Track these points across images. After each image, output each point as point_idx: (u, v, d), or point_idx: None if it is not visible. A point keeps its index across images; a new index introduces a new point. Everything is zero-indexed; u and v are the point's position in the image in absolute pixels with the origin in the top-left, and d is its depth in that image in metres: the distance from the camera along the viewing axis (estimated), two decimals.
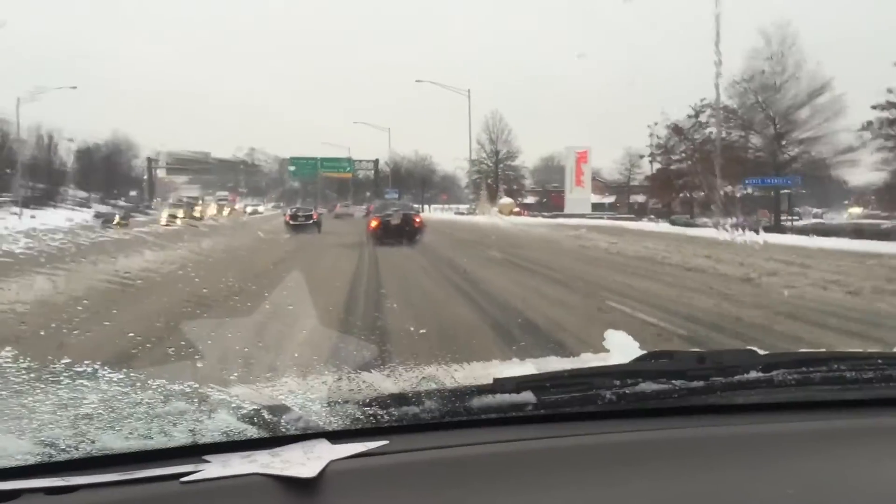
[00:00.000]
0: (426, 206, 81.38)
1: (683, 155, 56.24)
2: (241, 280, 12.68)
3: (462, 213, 72.35)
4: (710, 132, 51.68)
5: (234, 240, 25.68)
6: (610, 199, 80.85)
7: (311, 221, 37.64)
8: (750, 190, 48.43)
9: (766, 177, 46.69)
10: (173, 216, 50.94)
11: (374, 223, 26.00)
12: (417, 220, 26.81)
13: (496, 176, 78.50)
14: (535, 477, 1.30)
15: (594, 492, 1.28)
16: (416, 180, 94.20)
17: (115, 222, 45.77)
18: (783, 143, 45.77)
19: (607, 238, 25.49)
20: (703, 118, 53.47)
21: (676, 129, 56.23)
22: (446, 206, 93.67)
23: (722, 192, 39.44)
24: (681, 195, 58.00)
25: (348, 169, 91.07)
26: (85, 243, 18.61)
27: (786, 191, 48.89)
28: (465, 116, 63.77)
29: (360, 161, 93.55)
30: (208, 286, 11.96)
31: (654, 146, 60.49)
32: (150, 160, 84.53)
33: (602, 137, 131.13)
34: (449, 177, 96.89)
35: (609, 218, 53.88)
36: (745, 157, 47.32)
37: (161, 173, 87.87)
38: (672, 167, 57.93)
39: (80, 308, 9.01)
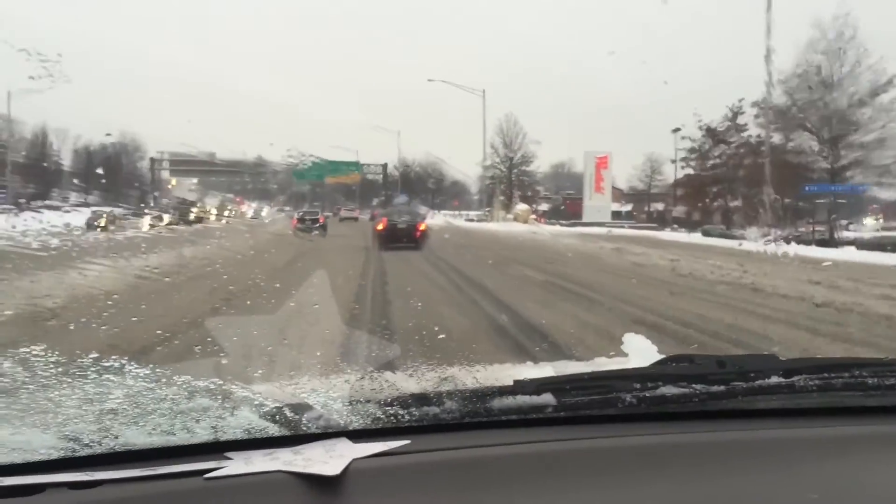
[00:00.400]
0: (435, 212, 75.11)
1: (718, 160, 54.18)
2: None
3: (472, 220, 69.34)
4: (749, 135, 50.06)
5: (213, 250, 20.27)
6: (626, 208, 78.00)
7: (317, 225, 38.11)
8: (788, 199, 43.55)
9: (821, 183, 42.84)
10: (158, 219, 46.39)
11: (379, 227, 26.14)
12: (422, 226, 26.76)
13: (510, 181, 75.82)
14: (554, 479, 1.30)
15: (613, 494, 1.28)
16: (426, 185, 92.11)
17: (100, 225, 41.08)
18: (839, 146, 41.85)
19: (659, 252, 21.66)
20: (741, 119, 51.61)
21: (711, 132, 54.37)
22: (457, 212, 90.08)
23: (767, 200, 36.68)
24: (715, 203, 55.53)
25: (356, 173, 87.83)
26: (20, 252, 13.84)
27: (825, 200, 44.65)
28: (477, 119, 63.39)
29: (369, 165, 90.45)
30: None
31: (686, 150, 58.05)
32: (153, 161, 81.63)
33: (617, 144, 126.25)
34: (460, 182, 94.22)
35: (630, 227, 51.97)
36: (794, 161, 43.76)
37: (165, 174, 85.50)
38: (705, 173, 56.22)
39: None
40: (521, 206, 64.21)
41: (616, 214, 69.25)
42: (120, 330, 7.38)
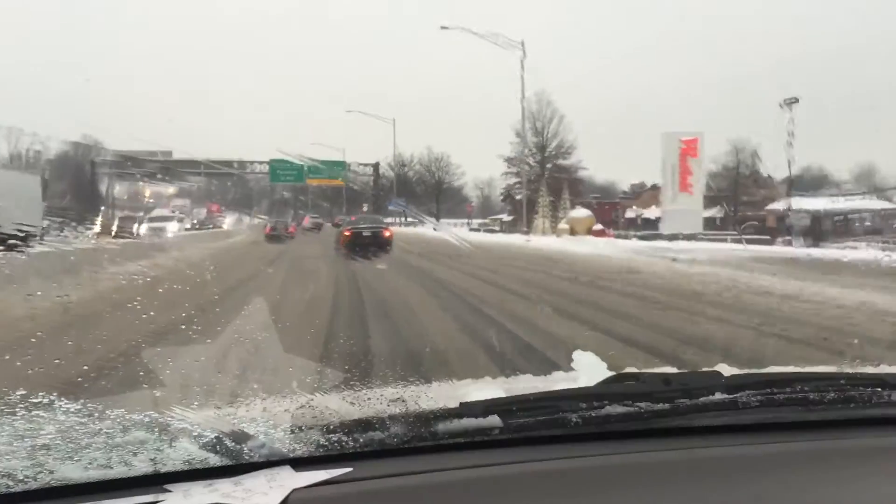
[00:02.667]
0: (430, 221, 61.55)
1: None
2: None
3: (494, 231, 59.09)
4: None
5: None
6: (711, 211, 54.82)
7: (287, 233, 39.90)
8: None
9: None
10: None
11: (345, 234, 25.98)
12: (387, 233, 26.61)
13: (542, 179, 58.72)
14: (501, 502, 1.29)
15: None
16: (429, 187, 78.47)
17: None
18: None
19: None
20: None
21: None
22: (468, 220, 77.96)
23: None
24: None
25: (341, 175, 73.99)
26: None
27: None
28: (496, 103, 52.86)
29: (357, 165, 77.44)
30: None
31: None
32: (94, 163, 69.45)
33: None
34: (478, 182, 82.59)
35: (733, 240, 36.74)
36: None
37: (124, 181, 72.03)
38: None
39: None
40: (580, 213, 46.50)
41: (707, 222, 49.22)
42: None
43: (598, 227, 44.81)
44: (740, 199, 59.10)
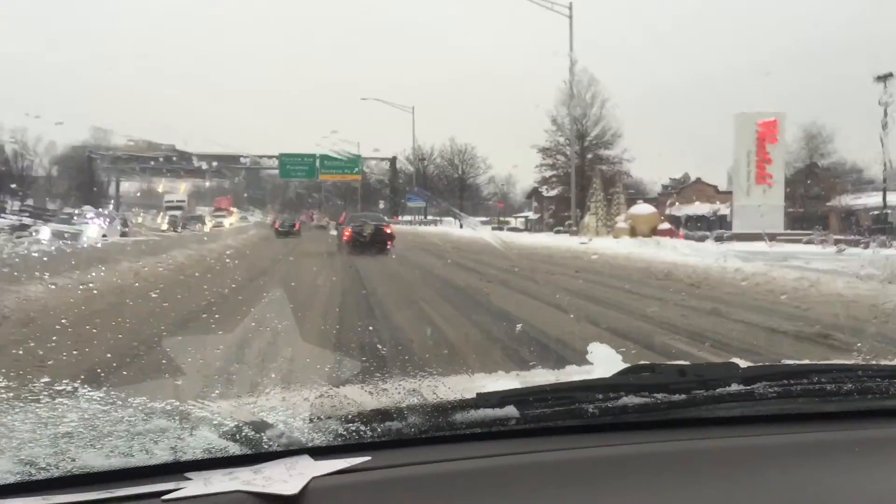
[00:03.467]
0: (461, 218, 54.12)
1: None
2: None
3: (518, 230, 56.21)
4: None
5: None
6: (772, 204, 42.75)
7: (294, 230, 40.64)
8: None
9: None
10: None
11: (346, 233, 25.58)
12: (388, 230, 26.11)
13: (595, 170, 51.00)
14: (517, 491, 1.30)
15: None
16: (452, 182, 73.59)
17: None
18: None
19: None
20: None
21: None
22: (497, 218, 71.47)
23: None
24: None
25: (357, 170, 68.74)
26: None
27: None
28: (526, 91, 45.68)
29: (373, 160, 72.54)
30: None
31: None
32: (91, 157, 65.21)
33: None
34: (498, 179, 76.46)
35: (821, 241, 30.42)
36: None
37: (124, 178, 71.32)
38: None
39: None
40: (643, 209, 38.68)
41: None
42: None
43: (665, 225, 37.34)
44: (811, 193, 49.55)
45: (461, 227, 37.72)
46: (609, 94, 55.58)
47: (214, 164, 69.47)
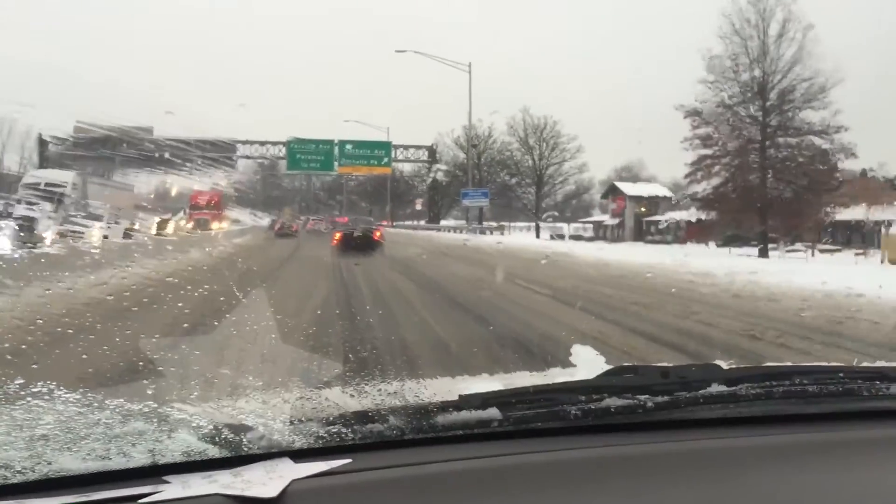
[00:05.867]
0: (557, 226, 45.59)
1: None
2: None
3: (580, 237, 44.48)
4: None
5: None
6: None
7: (293, 231, 40.70)
8: None
9: None
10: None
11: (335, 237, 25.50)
12: (377, 233, 25.88)
13: (762, 149, 32.19)
14: (500, 493, 1.29)
15: None
16: (524, 172, 53.79)
17: None
18: None
19: None
20: None
21: None
22: (577, 222, 56.47)
23: None
24: None
25: (385, 161, 52.99)
26: None
27: None
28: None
29: (407, 147, 56.09)
30: None
31: None
32: (42, 141, 54.02)
33: None
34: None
35: None
36: None
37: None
38: None
39: None
40: None
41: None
42: None
43: None
44: None
45: (553, 236, 27.92)
46: (809, 19, 32.56)
47: (203, 153, 53.49)
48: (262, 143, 56.67)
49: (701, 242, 42.04)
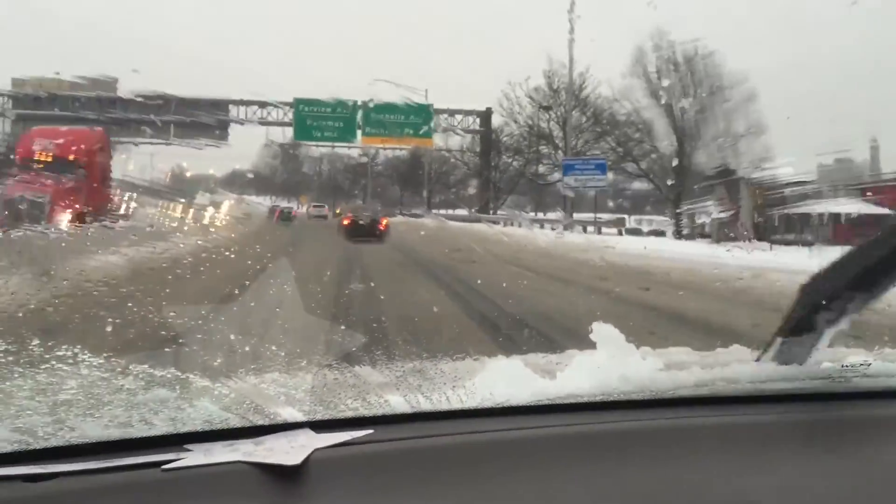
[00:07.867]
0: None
1: None
2: None
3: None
4: None
5: None
6: None
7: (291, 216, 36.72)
8: None
9: None
10: None
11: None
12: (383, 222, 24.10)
13: None
14: (521, 466, 1.29)
15: (579, 480, 1.28)
16: (660, 131, 33.89)
17: None
18: None
19: None
20: None
21: None
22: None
23: None
24: None
25: (425, 130, 39.74)
26: None
27: None
28: None
29: (455, 112, 41.88)
30: None
31: None
32: None
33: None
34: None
35: None
36: None
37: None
38: None
39: None
40: None
41: None
42: None
43: None
44: None
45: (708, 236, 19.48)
46: None
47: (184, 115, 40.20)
48: (262, 105, 43.46)
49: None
